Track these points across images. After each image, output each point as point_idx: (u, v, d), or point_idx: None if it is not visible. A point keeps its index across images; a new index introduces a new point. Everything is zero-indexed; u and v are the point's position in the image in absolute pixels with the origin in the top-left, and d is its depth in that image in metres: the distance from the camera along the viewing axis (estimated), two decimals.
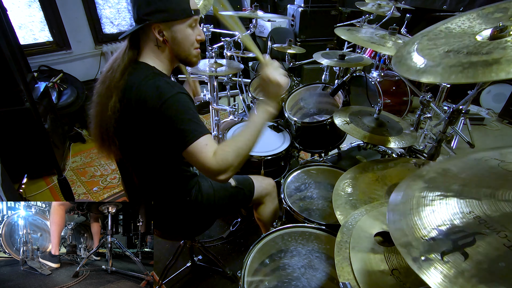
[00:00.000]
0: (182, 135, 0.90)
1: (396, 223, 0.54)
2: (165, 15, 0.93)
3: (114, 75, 0.95)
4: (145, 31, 0.98)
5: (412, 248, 0.47)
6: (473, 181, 0.56)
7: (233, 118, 2.26)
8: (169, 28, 0.96)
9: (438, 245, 0.46)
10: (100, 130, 1.01)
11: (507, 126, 3.36)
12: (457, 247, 0.44)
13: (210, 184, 1.27)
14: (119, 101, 0.94)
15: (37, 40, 3.16)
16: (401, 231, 0.51)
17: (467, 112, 1.20)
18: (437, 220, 0.50)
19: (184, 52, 1.02)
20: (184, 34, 0.99)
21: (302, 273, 1.10)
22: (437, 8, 3.32)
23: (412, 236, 0.49)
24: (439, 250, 0.45)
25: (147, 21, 0.93)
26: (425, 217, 0.52)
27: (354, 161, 1.82)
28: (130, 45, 0.99)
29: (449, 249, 0.45)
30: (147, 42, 0.99)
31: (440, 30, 0.84)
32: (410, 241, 0.49)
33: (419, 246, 0.47)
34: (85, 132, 3.09)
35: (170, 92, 0.91)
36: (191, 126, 0.91)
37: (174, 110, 0.90)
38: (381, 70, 2.75)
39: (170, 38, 0.98)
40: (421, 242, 0.48)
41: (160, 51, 1.01)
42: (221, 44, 2.25)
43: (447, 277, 0.42)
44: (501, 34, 0.65)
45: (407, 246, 0.48)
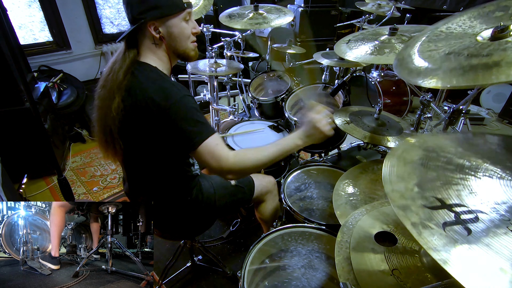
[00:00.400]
0: (191, 136, 0.93)
1: (394, 184, 0.53)
2: (159, 11, 0.94)
3: (115, 77, 0.95)
4: (141, 30, 0.98)
5: (411, 213, 0.47)
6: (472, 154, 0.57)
7: (233, 118, 2.26)
8: (164, 24, 0.97)
9: (440, 215, 0.45)
10: (104, 133, 1.01)
11: (507, 126, 3.36)
12: (460, 221, 0.44)
13: (210, 184, 1.27)
14: (122, 101, 0.94)
15: (37, 40, 3.16)
16: (399, 193, 0.51)
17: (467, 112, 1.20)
18: (438, 190, 0.50)
19: (182, 47, 1.03)
20: (179, 28, 1.00)
21: (302, 273, 1.10)
22: (437, 8, 3.32)
23: (411, 200, 0.49)
24: (440, 220, 0.45)
25: (142, 20, 0.94)
26: (426, 185, 0.51)
27: (354, 161, 1.82)
28: (128, 46, 0.99)
29: (451, 221, 0.44)
30: (144, 41, 1.00)
31: (440, 30, 0.84)
32: (409, 205, 0.48)
33: (419, 212, 0.46)
34: (85, 132, 3.09)
35: (177, 95, 0.93)
36: (199, 127, 0.94)
37: (182, 112, 0.93)
38: (381, 70, 2.74)
39: (166, 34, 0.99)
40: (421, 209, 0.47)
41: (158, 49, 1.01)
42: (221, 44, 2.25)
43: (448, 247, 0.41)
44: (502, 34, 0.64)
45: (405, 209, 0.47)
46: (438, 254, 0.41)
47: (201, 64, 2.08)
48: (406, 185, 0.52)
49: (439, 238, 0.42)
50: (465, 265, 0.39)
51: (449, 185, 0.51)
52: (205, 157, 0.95)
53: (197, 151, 0.94)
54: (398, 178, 0.54)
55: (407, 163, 0.58)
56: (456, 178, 0.52)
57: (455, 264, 0.39)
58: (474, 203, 0.47)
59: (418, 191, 0.50)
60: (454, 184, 0.51)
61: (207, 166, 0.98)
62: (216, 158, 0.94)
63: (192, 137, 0.93)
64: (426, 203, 0.47)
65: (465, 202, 0.47)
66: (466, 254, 0.40)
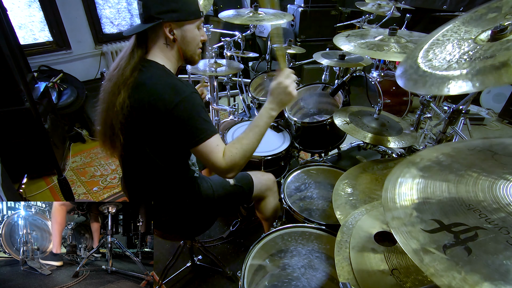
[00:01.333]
0: (195, 133, 0.95)
1: (394, 211, 0.53)
2: (179, 15, 0.97)
3: (122, 73, 0.97)
4: (155, 29, 0.99)
5: (412, 239, 0.47)
6: (468, 169, 0.57)
7: (233, 118, 2.26)
8: (180, 28, 1.01)
9: (439, 237, 0.46)
10: (105, 126, 1.02)
11: (507, 126, 3.36)
12: (459, 241, 0.44)
13: (209, 184, 1.27)
14: (129, 97, 0.95)
15: (37, 40, 3.15)
16: (399, 220, 0.51)
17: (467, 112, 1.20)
18: (435, 211, 0.50)
19: (190, 51, 1.08)
20: (193, 34, 1.04)
21: (302, 273, 1.10)
22: (437, 8, 3.32)
23: (410, 226, 0.49)
24: (440, 243, 0.45)
25: (160, 20, 0.95)
26: (423, 207, 0.52)
27: (354, 161, 1.82)
28: (138, 43, 1.01)
29: (451, 243, 0.44)
30: (156, 40, 1.01)
31: (437, 39, 0.83)
32: (409, 231, 0.48)
33: (419, 237, 0.47)
34: (85, 132, 3.09)
35: (185, 92, 0.95)
36: (204, 125, 0.96)
37: (189, 109, 0.95)
38: (381, 70, 2.74)
39: (180, 37, 1.02)
40: (420, 233, 0.47)
41: (169, 50, 1.04)
42: (221, 44, 2.25)
43: (450, 272, 0.41)
44: (501, 34, 0.64)
45: (406, 237, 0.48)
46: (441, 280, 0.41)
47: (201, 64, 2.08)
48: (405, 210, 0.53)
49: (440, 262, 0.42)
50: None
51: (446, 204, 0.51)
52: (205, 155, 0.97)
53: (198, 149, 0.96)
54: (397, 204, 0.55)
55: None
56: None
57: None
58: (473, 219, 0.47)
59: (417, 215, 0.51)
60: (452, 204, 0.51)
61: (206, 164, 1.01)
62: (214, 157, 0.97)
63: (196, 134, 0.95)
64: (425, 226, 0.48)
65: (462, 220, 0.47)
66: (468, 277, 0.40)
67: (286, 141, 1.82)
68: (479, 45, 0.68)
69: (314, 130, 1.76)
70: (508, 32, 0.64)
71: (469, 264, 0.41)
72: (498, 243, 0.42)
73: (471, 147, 0.66)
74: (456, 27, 0.81)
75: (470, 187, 0.53)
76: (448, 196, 0.53)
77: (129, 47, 1.01)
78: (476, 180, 0.55)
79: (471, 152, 0.64)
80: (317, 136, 1.80)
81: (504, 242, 0.42)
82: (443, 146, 0.73)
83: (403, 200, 0.55)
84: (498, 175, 0.54)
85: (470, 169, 0.58)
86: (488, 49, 0.63)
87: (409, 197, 0.56)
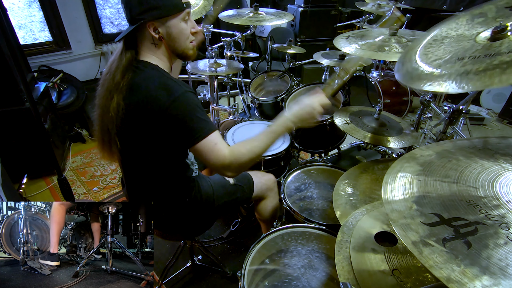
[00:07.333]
0: (192, 132, 0.94)
1: (393, 203, 0.54)
2: (158, 11, 0.94)
3: (113, 77, 0.96)
4: (140, 30, 0.98)
5: (411, 231, 0.47)
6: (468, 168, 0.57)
7: (233, 118, 2.26)
8: (163, 25, 0.97)
9: (439, 231, 0.46)
10: (102, 132, 1.01)
11: (507, 126, 3.36)
12: (459, 235, 0.44)
13: (209, 184, 1.27)
14: (123, 99, 0.94)
15: (37, 40, 3.15)
16: (399, 212, 0.51)
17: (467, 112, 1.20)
18: (435, 205, 0.50)
19: (181, 47, 1.04)
20: (179, 28, 1.00)
21: (302, 273, 1.10)
22: (437, 8, 3.31)
23: (410, 218, 0.49)
24: (440, 236, 0.45)
25: (141, 20, 0.94)
26: (423, 201, 0.52)
27: (354, 161, 1.82)
28: (126, 46, 0.99)
29: (451, 237, 0.44)
30: (143, 41, 1.00)
31: (434, 38, 0.82)
32: (408, 223, 0.48)
33: (419, 229, 0.47)
34: (85, 132, 3.09)
35: (179, 91, 0.94)
36: (201, 124, 0.95)
37: (184, 108, 0.93)
38: (381, 70, 2.74)
39: (166, 34, 0.99)
40: (420, 226, 0.47)
41: (157, 49, 1.02)
42: (221, 44, 2.24)
43: (449, 264, 0.41)
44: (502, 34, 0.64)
45: (405, 229, 0.48)
46: (440, 272, 0.41)
47: (201, 64, 2.08)
48: (405, 203, 0.53)
49: (439, 255, 0.42)
50: (467, 282, 0.39)
51: (449, 199, 0.51)
52: (204, 154, 0.96)
53: (196, 148, 0.95)
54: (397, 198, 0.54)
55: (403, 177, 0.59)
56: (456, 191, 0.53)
57: (457, 280, 0.39)
58: (473, 214, 0.47)
59: (417, 208, 0.51)
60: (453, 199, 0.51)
61: (206, 163, 0.99)
62: (214, 156, 0.96)
63: (193, 133, 0.94)
64: (424, 219, 0.48)
65: (462, 215, 0.47)
66: (467, 270, 0.40)
67: (286, 141, 1.81)
68: (480, 44, 0.67)
69: (314, 130, 1.76)
70: (508, 32, 0.63)
71: (469, 257, 0.41)
72: (498, 238, 0.43)
73: (472, 145, 0.66)
74: (455, 27, 0.80)
75: (471, 184, 0.53)
76: (449, 191, 0.53)
77: (118, 51, 1.00)
78: (477, 177, 0.55)
79: (471, 150, 0.64)
80: (317, 136, 1.80)
81: (504, 237, 0.43)
82: (444, 143, 0.73)
83: (403, 193, 0.55)
84: (498, 173, 0.54)
85: (470, 166, 0.58)
86: (490, 49, 0.63)
87: (409, 191, 0.56)
